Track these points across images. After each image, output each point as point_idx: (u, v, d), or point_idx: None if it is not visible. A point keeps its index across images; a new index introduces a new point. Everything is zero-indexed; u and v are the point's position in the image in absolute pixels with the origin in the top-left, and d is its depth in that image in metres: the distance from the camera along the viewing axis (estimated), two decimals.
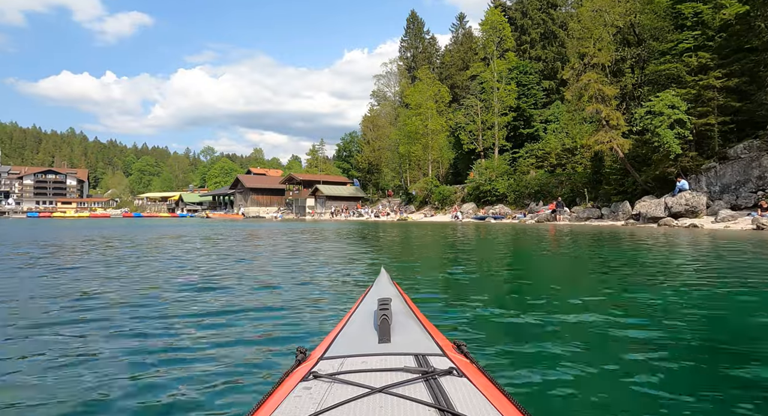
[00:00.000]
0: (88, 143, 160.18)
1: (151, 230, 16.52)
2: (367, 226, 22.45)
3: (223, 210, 66.90)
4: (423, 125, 37.94)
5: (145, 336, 2.35)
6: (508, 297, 3.62)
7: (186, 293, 3.60)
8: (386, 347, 0.99)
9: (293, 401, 0.77)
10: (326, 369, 0.90)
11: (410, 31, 61.28)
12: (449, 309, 3.07)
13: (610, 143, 19.70)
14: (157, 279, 4.35)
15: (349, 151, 63.72)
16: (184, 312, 2.91)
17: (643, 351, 2.14)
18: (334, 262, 6.06)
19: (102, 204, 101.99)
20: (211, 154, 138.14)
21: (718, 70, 16.57)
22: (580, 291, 3.87)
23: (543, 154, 35.95)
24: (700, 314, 2.93)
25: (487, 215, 28.51)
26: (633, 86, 21.79)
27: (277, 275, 4.69)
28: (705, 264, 5.70)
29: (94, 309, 3.01)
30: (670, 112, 16.63)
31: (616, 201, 21.57)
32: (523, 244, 9.91)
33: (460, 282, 4.43)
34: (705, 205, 15.96)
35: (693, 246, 8.33)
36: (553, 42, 42.95)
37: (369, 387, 0.78)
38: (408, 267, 5.58)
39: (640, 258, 6.45)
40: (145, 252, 7.60)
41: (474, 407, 0.73)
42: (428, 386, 0.80)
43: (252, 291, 3.69)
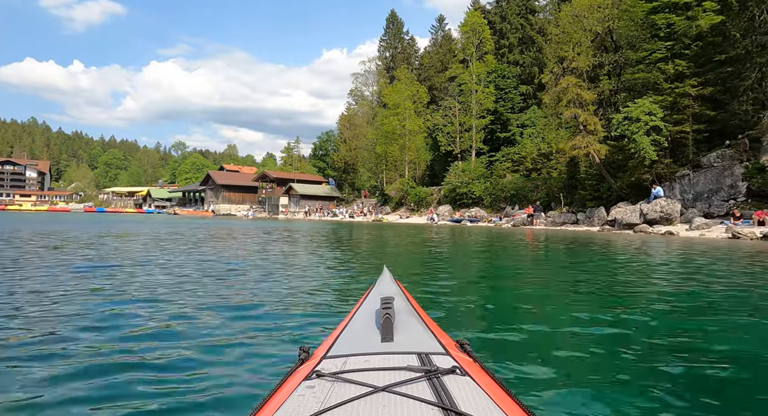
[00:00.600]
0: (51, 134, 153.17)
1: (102, 226, 15.34)
2: (341, 227, 21.73)
3: (193, 207, 64.72)
4: (400, 125, 37.48)
5: (143, 336, 2.33)
6: (496, 306, 3.53)
7: (182, 291, 3.56)
8: (389, 346, 0.99)
9: (296, 400, 0.77)
10: (329, 367, 0.90)
11: (389, 30, 60.80)
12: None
13: (587, 148, 19.63)
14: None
15: (325, 149, 62.72)
16: (183, 311, 2.87)
17: (643, 353, 2.15)
18: (290, 279, 5.34)
19: (65, 197, 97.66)
20: (182, 149, 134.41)
21: (694, 78, 16.67)
22: (572, 298, 3.76)
23: (519, 158, 36.07)
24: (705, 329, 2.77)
25: (463, 218, 28.23)
26: (610, 92, 21.87)
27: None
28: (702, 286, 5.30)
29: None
30: (647, 118, 16.62)
31: (591, 206, 21.57)
32: (502, 252, 9.43)
33: (439, 295, 3.88)
34: (679, 212, 15.99)
35: (678, 257, 8.01)
36: (531, 47, 43.25)
37: (372, 386, 0.78)
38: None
39: (626, 268, 6.03)
40: (41, 254, 6.19)
41: (477, 406, 0.73)
42: (431, 385, 0.79)
43: (253, 289, 3.68)
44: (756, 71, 15.23)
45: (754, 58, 15.35)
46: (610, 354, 2.14)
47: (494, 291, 4.18)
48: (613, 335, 2.50)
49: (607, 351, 2.20)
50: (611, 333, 2.53)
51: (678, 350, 2.24)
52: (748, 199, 15.57)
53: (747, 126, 16.40)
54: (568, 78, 19.89)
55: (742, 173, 15.84)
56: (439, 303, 3.32)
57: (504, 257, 7.93)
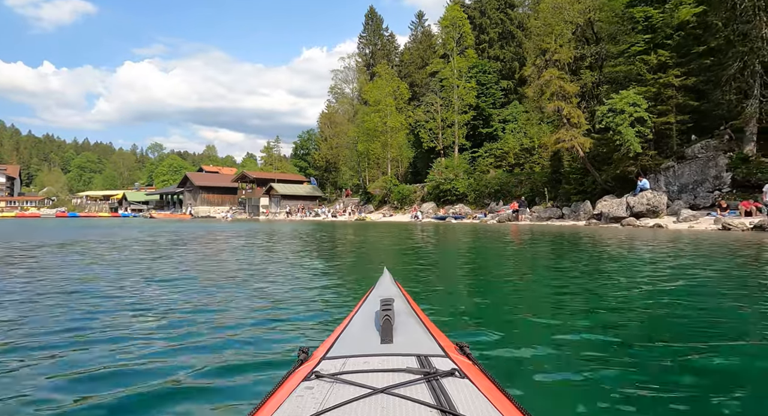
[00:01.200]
0: (21, 137, 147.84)
1: (61, 232, 14.33)
2: (323, 227, 21.01)
3: (170, 209, 62.94)
4: (382, 122, 36.82)
5: (141, 337, 2.31)
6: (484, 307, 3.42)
7: (189, 293, 3.54)
8: (388, 347, 0.99)
9: (295, 401, 0.77)
10: (328, 369, 0.90)
11: (369, 27, 60.06)
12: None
13: (571, 142, 19.35)
14: None
15: (306, 149, 61.64)
16: (181, 310, 2.87)
17: (644, 354, 2.16)
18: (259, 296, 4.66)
19: (36, 203, 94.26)
20: (159, 150, 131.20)
21: (677, 68, 16.49)
22: (565, 299, 3.59)
23: (501, 153, 35.91)
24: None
25: (448, 215, 27.80)
26: (593, 84, 21.64)
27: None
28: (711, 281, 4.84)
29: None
30: (632, 109, 16.37)
31: (576, 200, 21.36)
32: (490, 250, 8.91)
33: (429, 299, 3.47)
34: (665, 204, 15.79)
35: (672, 250, 7.60)
36: (511, 42, 43.09)
37: (371, 388, 0.78)
38: (366, 279, 4.33)
39: (621, 264, 5.55)
40: None
41: (476, 409, 0.73)
42: (430, 387, 0.79)
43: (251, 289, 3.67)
44: (738, 60, 15.09)
45: (736, 46, 15.21)
46: (609, 356, 2.11)
47: (486, 294, 4.01)
48: (611, 336, 2.44)
49: (607, 353, 2.17)
50: (609, 334, 2.47)
51: (682, 352, 2.16)
52: (733, 190, 15.46)
53: (730, 116, 16.30)
54: (551, 70, 19.57)
55: (727, 164, 15.73)
56: (430, 306, 3.16)
57: (493, 256, 7.40)
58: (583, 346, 2.24)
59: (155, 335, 2.37)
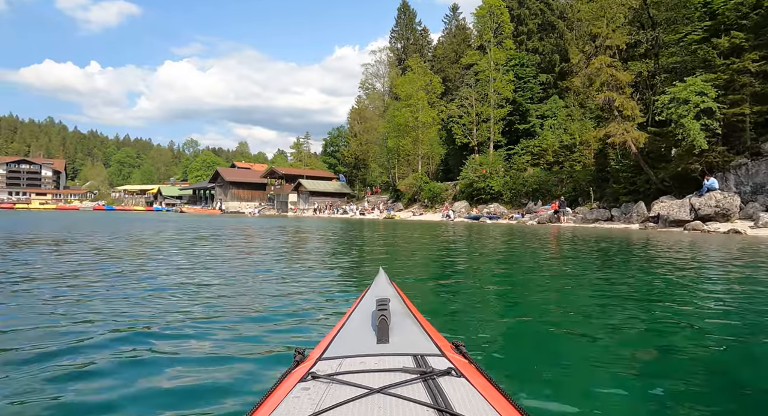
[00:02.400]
0: (67, 133, 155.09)
1: (85, 225, 13.82)
2: (351, 226, 19.96)
3: (202, 204, 63.78)
4: (413, 117, 35.48)
5: (139, 338, 2.24)
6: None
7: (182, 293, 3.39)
8: (385, 347, 0.99)
9: (292, 402, 0.77)
10: (324, 369, 0.90)
11: (401, 21, 58.73)
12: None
13: (623, 136, 17.47)
14: None
15: (336, 145, 61.04)
16: (179, 312, 2.78)
17: (646, 355, 2.14)
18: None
19: (79, 196, 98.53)
20: (194, 146, 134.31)
21: (754, 51, 14.41)
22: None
23: (539, 150, 33.96)
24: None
25: (482, 214, 26.23)
26: (648, 74, 19.55)
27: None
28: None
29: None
30: (698, 99, 14.43)
31: (626, 201, 19.43)
32: (532, 254, 7.51)
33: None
34: (738, 207, 13.81)
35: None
36: (551, 33, 40.76)
37: (367, 388, 0.77)
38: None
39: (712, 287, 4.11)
40: None
41: (472, 407, 0.73)
42: (427, 386, 0.79)
43: (247, 293, 3.51)
44: None
45: None
46: (611, 356, 2.08)
47: (517, 309, 3.35)
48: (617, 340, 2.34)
49: (609, 354, 2.12)
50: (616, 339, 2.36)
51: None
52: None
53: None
54: (602, 57, 17.72)
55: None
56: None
57: (540, 264, 6.02)
58: (584, 347, 2.17)
59: (152, 336, 2.31)
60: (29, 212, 37.44)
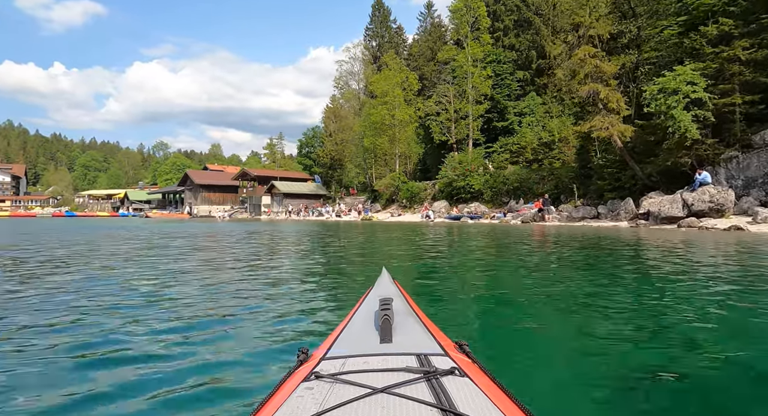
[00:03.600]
0: (28, 137, 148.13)
1: (24, 237, 12.04)
2: (324, 229, 18.58)
3: (173, 208, 61.02)
4: (390, 115, 34.31)
5: (139, 338, 2.25)
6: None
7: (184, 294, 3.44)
8: (388, 347, 0.98)
9: (295, 401, 0.77)
10: (328, 369, 0.90)
11: (375, 18, 57.61)
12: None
13: (609, 130, 16.70)
14: None
15: (311, 146, 59.29)
16: (182, 313, 2.80)
17: (648, 355, 2.07)
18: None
19: (41, 202, 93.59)
20: (164, 149, 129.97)
21: (744, 39, 13.78)
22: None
23: (518, 148, 33.39)
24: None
25: (463, 214, 25.24)
26: (632, 65, 18.88)
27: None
28: None
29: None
30: (688, 89, 13.70)
31: (611, 198, 18.71)
32: (521, 258, 6.39)
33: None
34: (733, 202, 13.13)
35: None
36: (528, 30, 40.26)
37: (371, 388, 0.78)
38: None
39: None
40: None
41: (476, 407, 0.73)
42: (430, 386, 0.79)
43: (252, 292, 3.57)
44: None
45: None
46: (612, 356, 2.04)
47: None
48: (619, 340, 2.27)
49: (610, 354, 2.08)
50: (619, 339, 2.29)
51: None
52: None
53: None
54: (586, 48, 16.92)
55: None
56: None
57: (534, 270, 4.89)
58: (586, 347, 2.16)
59: (149, 337, 2.28)
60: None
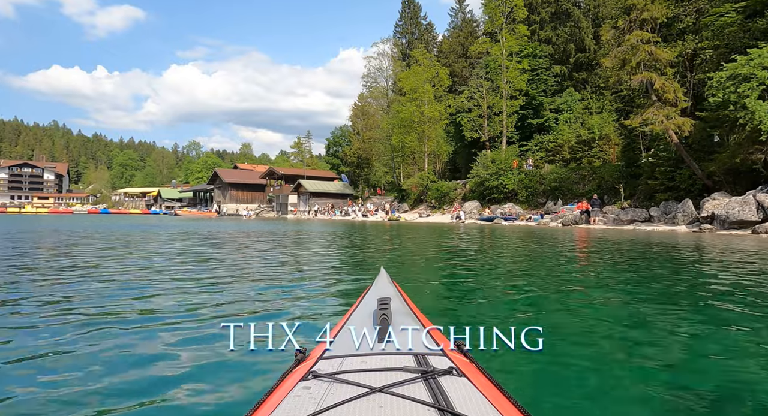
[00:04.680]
0: (71, 137, 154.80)
1: (44, 234, 11.61)
2: (348, 231, 17.61)
3: (200, 207, 61.78)
4: (419, 112, 33.08)
5: (138, 338, 2.28)
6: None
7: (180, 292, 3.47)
8: (386, 347, 0.99)
9: (293, 400, 0.77)
10: (325, 368, 0.90)
11: (405, 14, 56.41)
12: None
13: (664, 124, 14.97)
14: None
15: (339, 145, 58.76)
16: (179, 312, 2.83)
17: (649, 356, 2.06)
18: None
19: (81, 199, 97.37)
20: (197, 148, 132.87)
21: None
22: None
23: (554, 146, 31.50)
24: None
25: (496, 215, 23.77)
26: (690, 52, 16.95)
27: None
28: None
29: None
30: (764, 74, 11.92)
31: (663, 199, 16.92)
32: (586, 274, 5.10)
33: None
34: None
35: None
36: (566, 22, 38.19)
37: (368, 387, 0.77)
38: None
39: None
40: None
41: (474, 407, 0.73)
42: (428, 386, 0.79)
43: (248, 291, 3.62)
44: None
45: None
46: (614, 356, 2.05)
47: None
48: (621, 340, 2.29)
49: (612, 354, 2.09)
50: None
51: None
52: None
53: None
54: (638, 32, 15.24)
55: None
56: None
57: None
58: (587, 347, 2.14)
59: (151, 334, 2.31)
60: (15, 216, 35.50)
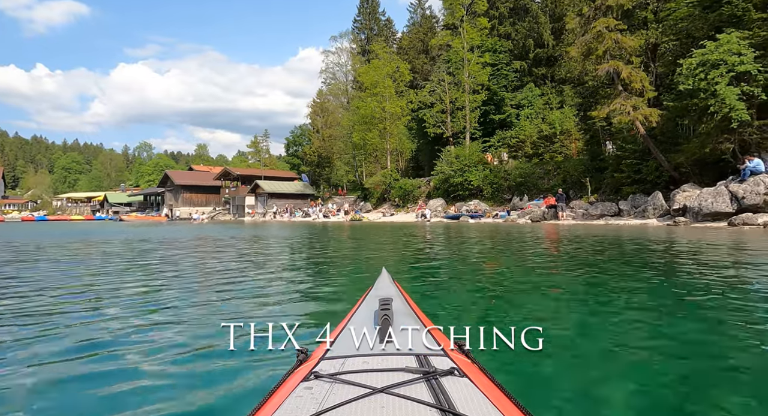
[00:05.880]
0: (7, 139, 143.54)
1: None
2: (306, 233, 16.15)
3: (151, 211, 57.99)
4: (380, 107, 31.92)
5: (140, 338, 2.28)
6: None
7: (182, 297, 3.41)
8: (387, 347, 0.98)
9: (295, 401, 0.77)
10: (327, 369, 0.90)
11: (363, 9, 55.19)
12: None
13: (630, 114, 14.49)
14: None
15: (299, 145, 56.74)
16: (181, 312, 2.84)
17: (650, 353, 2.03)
18: None
19: (18, 206, 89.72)
20: (148, 150, 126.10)
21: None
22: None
23: (517, 142, 31.22)
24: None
25: (462, 213, 22.96)
26: (655, 41, 16.61)
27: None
28: None
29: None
30: (734, 60, 11.52)
31: (630, 192, 16.54)
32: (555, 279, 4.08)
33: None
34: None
35: None
36: (524, 17, 38.18)
37: (370, 387, 0.77)
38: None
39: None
40: None
41: (475, 407, 0.73)
42: (429, 386, 0.79)
43: (251, 290, 3.63)
44: None
45: None
46: (614, 355, 2.02)
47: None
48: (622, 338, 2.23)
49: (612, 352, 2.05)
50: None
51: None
52: None
53: None
54: (604, 20, 14.69)
55: None
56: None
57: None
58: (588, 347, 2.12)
59: (151, 335, 2.31)
60: None
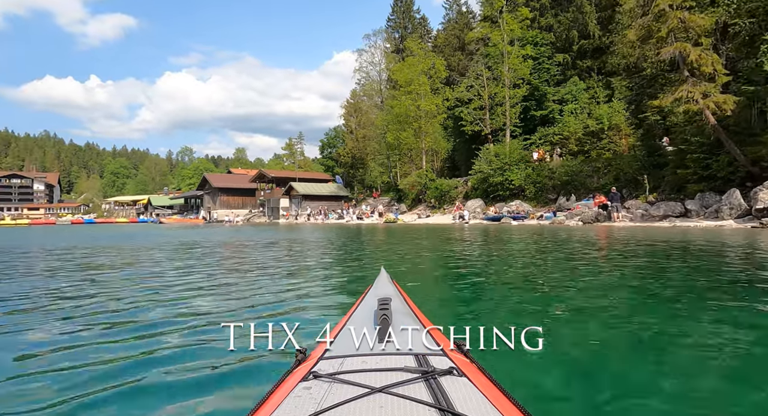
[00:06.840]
0: (63, 146, 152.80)
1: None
2: (339, 236, 15.34)
3: (189, 213, 59.46)
4: (414, 106, 30.85)
5: (139, 338, 2.30)
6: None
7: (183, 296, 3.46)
8: (386, 347, 0.99)
9: (293, 401, 0.77)
10: (326, 368, 0.90)
11: (397, 8, 54.27)
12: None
13: (701, 102, 12.76)
14: None
15: (333, 146, 56.57)
16: (181, 312, 2.85)
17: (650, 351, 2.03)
18: None
19: (72, 209, 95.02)
20: (189, 155, 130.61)
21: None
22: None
23: (560, 139, 29.30)
24: None
25: (503, 214, 21.54)
26: (724, 21, 14.66)
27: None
28: None
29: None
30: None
31: (698, 190, 14.70)
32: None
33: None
34: None
35: None
36: (568, 7, 36.06)
37: (369, 387, 0.77)
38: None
39: None
40: None
41: (474, 407, 0.72)
42: (428, 386, 0.79)
43: (250, 290, 3.64)
44: None
45: None
46: (614, 354, 2.03)
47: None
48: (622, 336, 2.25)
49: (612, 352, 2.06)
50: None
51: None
52: None
53: None
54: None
55: None
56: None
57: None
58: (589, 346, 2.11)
59: (150, 333, 2.30)
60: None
